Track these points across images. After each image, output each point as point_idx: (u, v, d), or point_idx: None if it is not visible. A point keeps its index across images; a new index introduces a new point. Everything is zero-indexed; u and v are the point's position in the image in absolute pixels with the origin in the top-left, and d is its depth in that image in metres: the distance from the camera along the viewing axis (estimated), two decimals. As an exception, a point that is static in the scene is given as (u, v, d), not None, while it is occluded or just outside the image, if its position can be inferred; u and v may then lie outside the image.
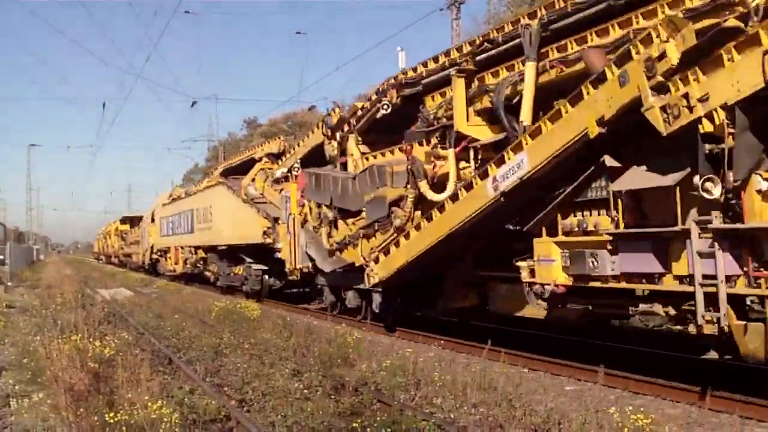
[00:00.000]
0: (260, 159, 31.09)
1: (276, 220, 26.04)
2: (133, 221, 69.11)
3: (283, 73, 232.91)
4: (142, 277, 48.43)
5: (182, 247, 41.10)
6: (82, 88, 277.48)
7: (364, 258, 17.65)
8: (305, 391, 10.76)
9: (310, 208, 21.55)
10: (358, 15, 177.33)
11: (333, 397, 10.40)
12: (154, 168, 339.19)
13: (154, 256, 50.07)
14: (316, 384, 11.14)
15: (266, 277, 28.94)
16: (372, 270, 16.98)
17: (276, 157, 29.91)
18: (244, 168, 33.29)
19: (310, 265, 21.59)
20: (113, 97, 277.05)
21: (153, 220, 49.77)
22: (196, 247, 38.14)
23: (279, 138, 31.03)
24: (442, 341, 15.48)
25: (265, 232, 26.87)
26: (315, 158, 23.39)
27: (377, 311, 18.43)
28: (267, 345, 15.20)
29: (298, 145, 25.81)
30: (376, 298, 18.17)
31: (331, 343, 14.72)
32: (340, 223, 19.92)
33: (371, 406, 10.01)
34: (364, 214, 18.18)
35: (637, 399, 10.58)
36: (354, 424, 8.95)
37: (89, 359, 11.60)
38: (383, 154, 18.73)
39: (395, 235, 16.54)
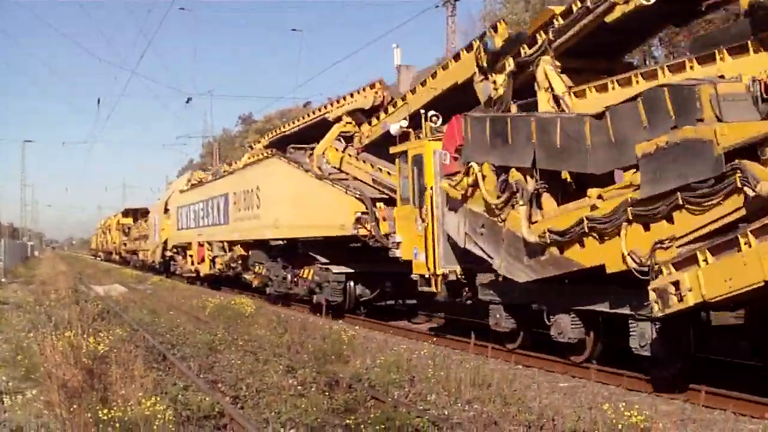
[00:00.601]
0: (338, 119, 21.76)
1: (374, 201, 18.93)
2: (137, 214, 62.75)
3: (278, 69, 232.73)
4: (137, 274, 48.32)
5: (209, 243, 33.05)
6: (76, 84, 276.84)
7: (635, 259, 10.03)
8: (299, 387, 10.77)
9: (483, 176, 13.20)
10: (353, 12, 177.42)
11: (327, 393, 10.39)
12: (149, 164, 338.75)
13: (168, 254, 42.28)
14: (310, 380, 11.14)
15: (351, 284, 20.70)
16: (680, 282, 9.28)
17: (368, 113, 20.79)
18: (307, 136, 24.21)
19: (459, 270, 14.78)
20: (108, 93, 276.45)
21: (166, 211, 42.07)
22: (232, 243, 30.04)
23: (374, 86, 20.73)
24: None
25: (358, 220, 18.83)
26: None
27: (648, 354, 10.69)
28: (261, 341, 15.24)
29: (413, 92, 17.85)
30: (645, 332, 10.63)
31: (326, 339, 14.73)
32: (546, 198, 12.17)
33: (365, 403, 10.01)
34: (627, 178, 10.46)
35: (631, 396, 10.59)
36: (348, 421, 8.97)
37: (83, 356, 11.57)
38: (620, 84, 11.95)
39: (746, 213, 8.88)
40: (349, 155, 21.33)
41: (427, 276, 15.39)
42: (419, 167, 15.61)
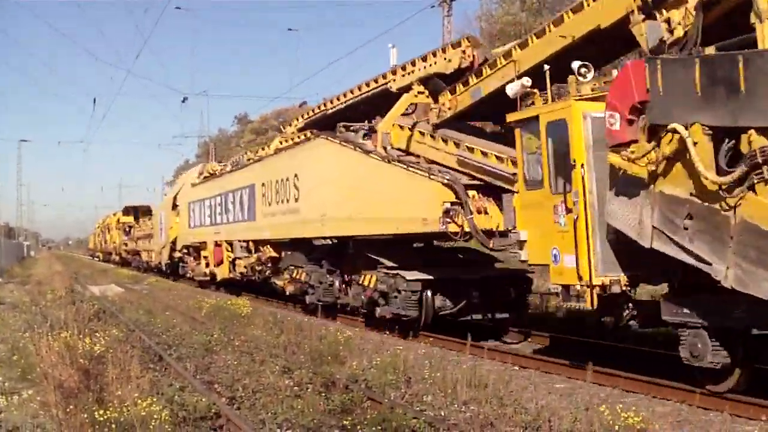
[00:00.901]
0: (405, 89, 17.40)
1: (465, 189, 14.62)
2: (138, 212, 60.45)
3: (274, 69, 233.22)
4: (133, 274, 48.21)
5: (229, 242, 28.93)
6: (73, 83, 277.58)
7: None
8: (295, 388, 10.77)
9: (694, 144, 9.19)
10: (349, 12, 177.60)
11: (323, 394, 10.38)
12: (145, 164, 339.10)
13: (177, 254, 38.23)
14: (307, 381, 11.14)
15: (428, 294, 16.05)
16: None
17: (450, 79, 16.15)
18: (357, 113, 20.11)
19: (624, 279, 10.82)
20: (104, 92, 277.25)
21: (175, 207, 38.22)
22: (260, 242, 25.76)
23: (459, 44, 15.97)
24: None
25: (447, 212, 14.49)
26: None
27: None
28: (257, 342, 15.22)
29: (521, 46, 13.57)
30: None
31: (322, 340, 14.72)
32: None
33: (361, 404, 9.99)
34: None
35: (628, 397, 10.60)
36: (344, 422, 8.97)
37: (79, 356, 11.57)
38: None
39: None
40: (420, 133, 16.84)
41: (577, 288, 11.11)
42: (560, 137, 11.46)
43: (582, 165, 11.02)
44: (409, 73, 17.55)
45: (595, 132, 10.97)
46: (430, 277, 16.04)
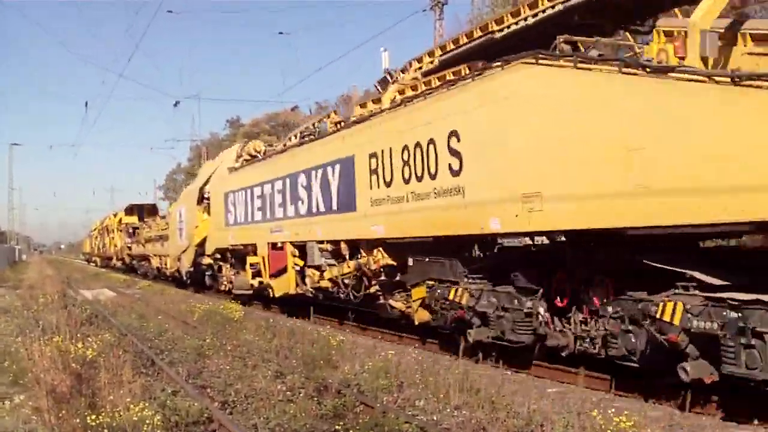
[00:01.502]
0: None
1: None
2: (143, 211, 55.96)
3: (265, 73, 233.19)
4: (125, 278, 48.05)
5: (298, 244, 20.13)
6: (64, 86, 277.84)
7: None
8: (288, 393, 10.77)
9: None
10: (341, 16, 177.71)
11: (316, 399, 10.39)
12: (137, 168, 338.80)
13: (207, 260, 29.71)
14: (299, 386, 11.15)
15: None
16: None
17: None
18: (544, 35, 11.33)
19: None
20: (96, 96, 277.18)
21: (201, 201, 30.09)
22: (360, 242, 16.57)
23: None
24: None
25: None
26: None
27: None
28: (250, 346, 15.22)
29: None
30: None
31: (314, 344, 14.72)
32: None
33: (354, 409, 9.99)
34: None
35: (620, 401, 10.61)
36: (336, 427, 8.98)
37: (71, 361, 11.56)
38: None
39: None
40: (753, 38, 9.15)
41: None
42: None
43: None
44: None
45: None
46: None
